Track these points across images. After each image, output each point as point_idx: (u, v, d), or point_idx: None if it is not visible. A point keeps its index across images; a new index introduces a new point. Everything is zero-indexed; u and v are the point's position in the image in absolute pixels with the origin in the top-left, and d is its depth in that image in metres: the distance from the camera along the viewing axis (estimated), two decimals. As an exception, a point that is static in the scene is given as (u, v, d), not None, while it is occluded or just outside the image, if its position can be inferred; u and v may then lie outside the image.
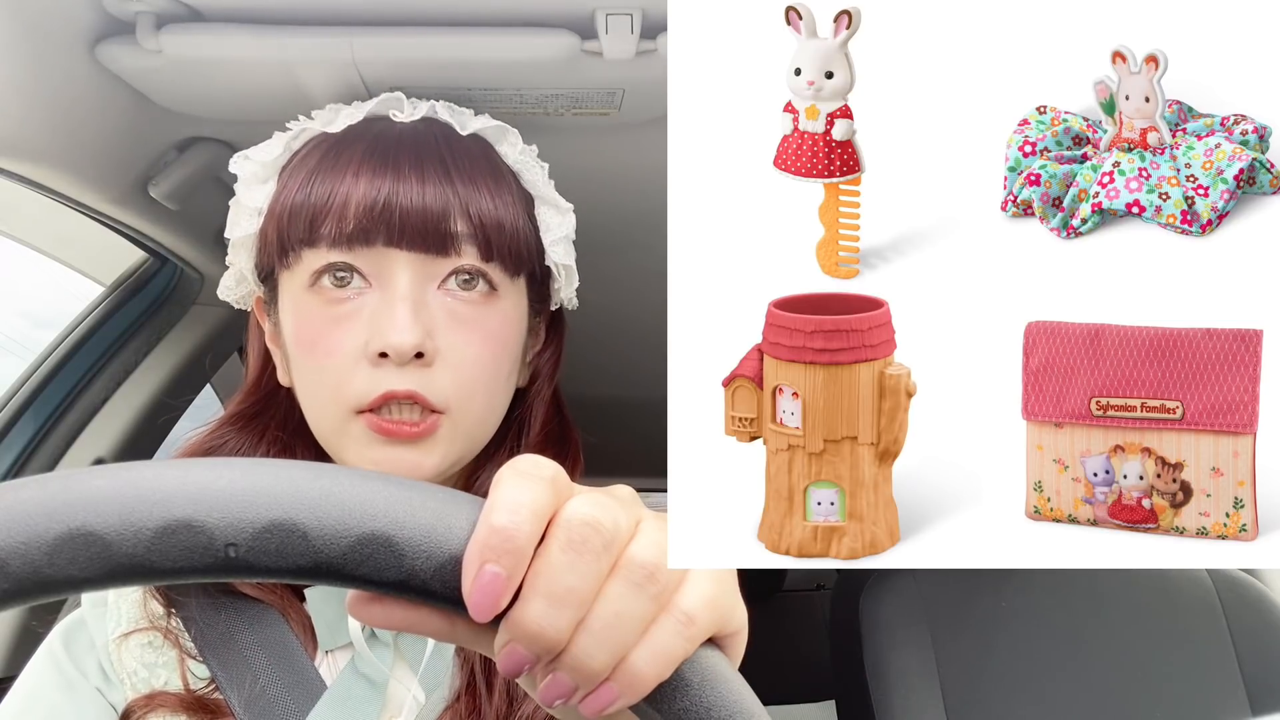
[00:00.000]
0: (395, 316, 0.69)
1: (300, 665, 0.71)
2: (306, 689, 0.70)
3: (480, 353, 0.72)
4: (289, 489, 0.35)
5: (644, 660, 0.36)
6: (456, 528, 0.36)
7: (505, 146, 0.78)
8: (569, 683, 0.36)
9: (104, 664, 0.73)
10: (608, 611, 0.36)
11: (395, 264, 0.71)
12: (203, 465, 0.35)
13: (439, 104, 0.78)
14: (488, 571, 0.35)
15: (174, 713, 0.70)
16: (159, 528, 0.33)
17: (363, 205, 0.70)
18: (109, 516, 0.33)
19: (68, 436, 1.28)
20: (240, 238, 0.78)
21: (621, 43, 0.77)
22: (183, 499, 0.34)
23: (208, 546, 0.34)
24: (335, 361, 0.70)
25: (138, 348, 1.31)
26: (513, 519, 0.35)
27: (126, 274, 1.33)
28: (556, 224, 0.79)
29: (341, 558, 0.35)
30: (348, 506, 0.35)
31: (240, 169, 0.78)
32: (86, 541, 0.33)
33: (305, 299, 0.72)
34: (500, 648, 0.36)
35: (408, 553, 0.35)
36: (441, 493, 0.37)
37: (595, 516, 0.36)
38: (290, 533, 0.34)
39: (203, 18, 0.77)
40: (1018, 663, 1.45)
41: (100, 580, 0.34)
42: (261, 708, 0.69)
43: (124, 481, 0.34)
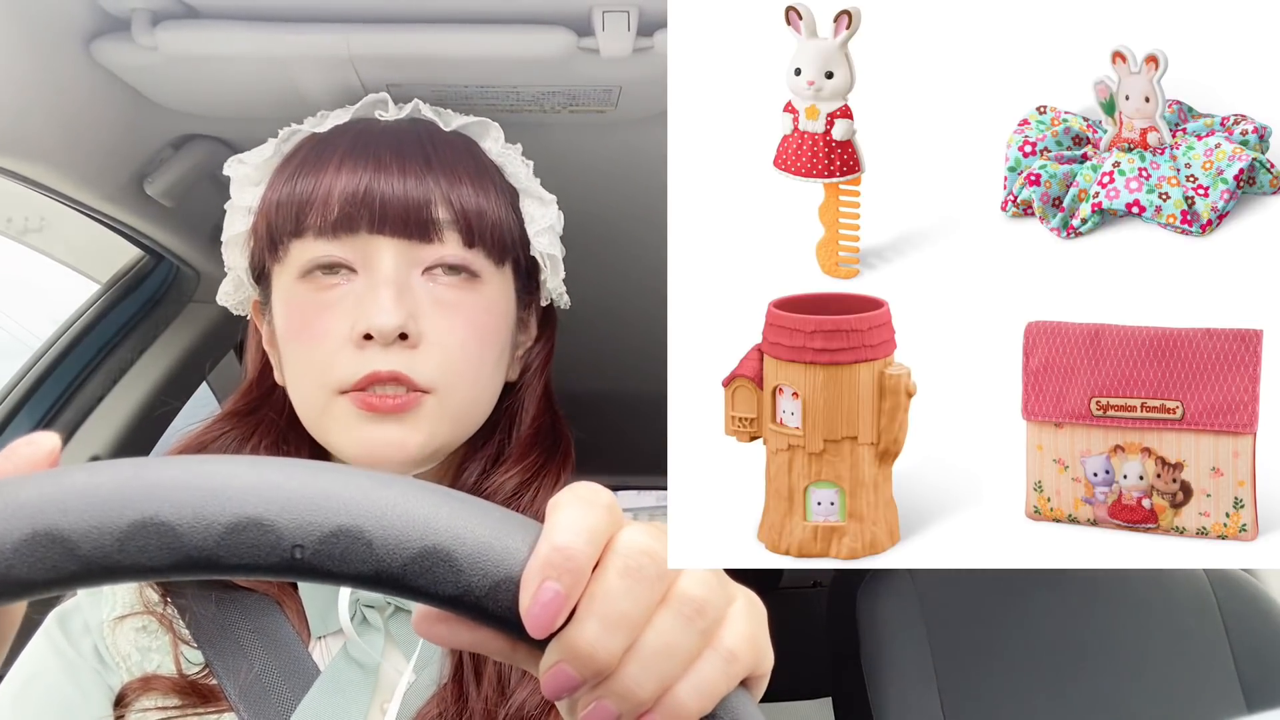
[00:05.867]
0: (379, 299, 0.70)
1: (295, 652, 0.72)
2: (301, 675, 0.71)
3: (465, 337, 0.73)
4: (358, 495, 0.35)
5: (688, 693, 0.37)
6: (514, 548, 0.36)
7: (488, 142, 0.80)
8: (613, 710, 0.36)
9: (99, 647, 0.73)
10: (658, 641, 0.36)
11: (379, 250, 0.72)
12: (275, 464, 0.36)
13: (423, 104, 0.79)
14: (548, 588, 0.35)
15: (167, 696, 0.71)
16: (230, 523, 0.34)
17: (345, 194, 0.72)
18: (182, 508, 0.33)
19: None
20: (233, 236, 0.79)
21: (618, 40, 0.77)
22: (255, 497, 0.34)
23: (275, 545, 0.34)
24: (322, 345, 0.72)
25: (134, 345, 1.31)
26: (574, 539, 0.36)
27: (122, 271, 1.33)
28: (540, 215, 0.80)
29: (402, 569, 0.35)
30: (413, 518, 0.35)
31: (234, 172, 0.79)
32: (159, 531, 0.33)
33: (295, 289, 0.74)
34: (548, 668, 0.36)
35: (465, 569, 0.35)
36: (501, 513, 0.37)
37: (650, 545, 0.37)
38: (356, 539, 0.35)
39: (199, 15, 0.77)
40: (1014, 659, 1.45)
41: (167, 570, 0.34)
42: (256, 694, 0.70)
43: (198, 474, 0.34)
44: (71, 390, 1.28)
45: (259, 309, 0.81)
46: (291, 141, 0.79)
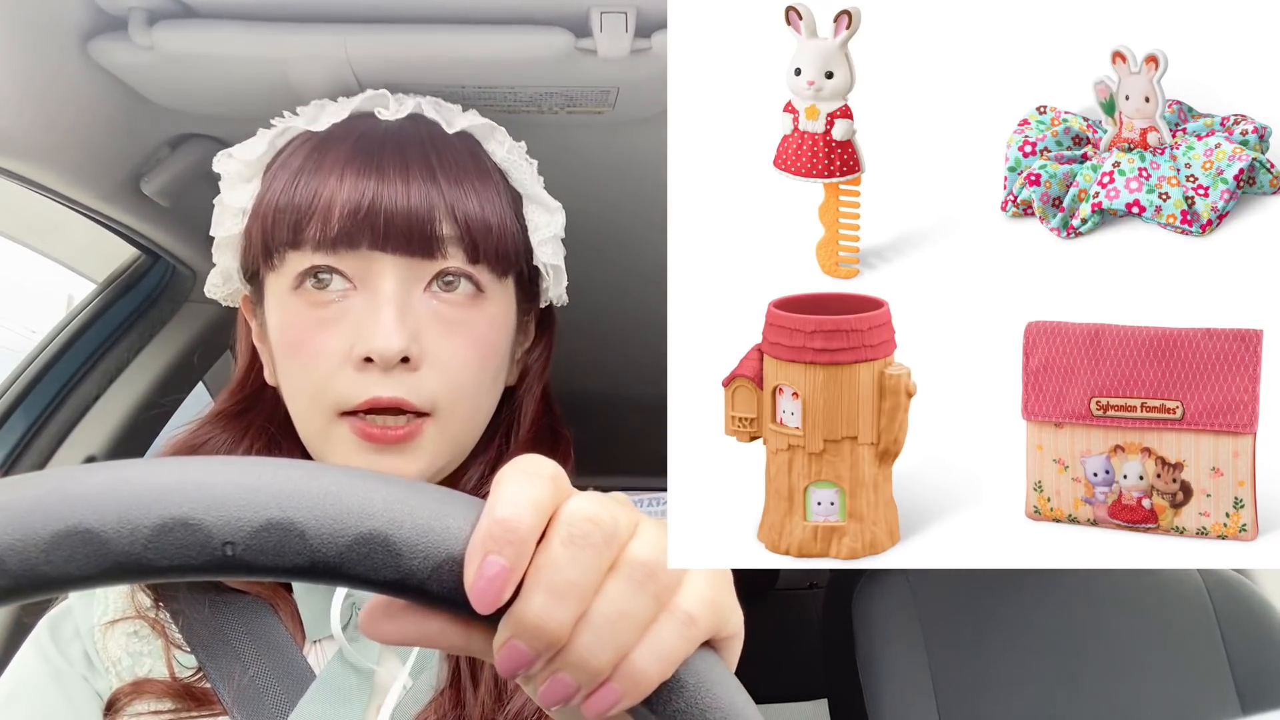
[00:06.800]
0: (380, 321, 0.69)
1: (289, 656, 0.71)
2: (296, 679, 0.70)
3: (468, 357, 0.72)
4: (287, 487, 0.35)
5: (645, 659, 0.36)
6: (454, 528, 0.36)
7: (493, 144, 0.78)
8: (571, 683, 0.36)
9: (89, 651, 0.73)
10: (609, 609, 0.36)
11: (380, 267, 0.70)
12: (200, 463, 0.35)
13: (425, 100, 0.78)
14: (491, 562, 0.35)
15: (160, 700, 0.70)
16: (156, 525, 0.33)
17: (347, 208, 0.69)
18: (106, 514, 0.33)
19: (59, 434, 1.27)
20: (224, 237, 0.78)
21: (616, 41, 0.77)
22: (180, 496, 0.34)
23: (205, 544, 0.34)
24: (320, 364, 0.70)
25: (130, 345, 1.31)
26: (515, 511, 0.35)
27: (118, 271, 1.33)
28: (545, 223, 0.79)
29: (338, 557, 0.35)
30: (346, 505, 0.35)
31: (224, 167, 0.77)
32: (84, 539, 0.33)
33: (290, 301, 0.72)
34: (500, 645, 0.36)
35: (405, 552, 0.35)
36: (440, 493, 0.37)
37: (596, 512, 0.36)
38: (287, 531, 0.34)
39: (195, 14, 0.77)
40: (1010, 660, 1.46)
41: (97, 578, 0.33)
42: (251, 699, 0.69)
43: (121, 479, 0.34)
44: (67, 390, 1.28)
45: (249, 303, 0.80)
46: (285, 136, 0.77)
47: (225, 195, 0.78)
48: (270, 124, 0.77)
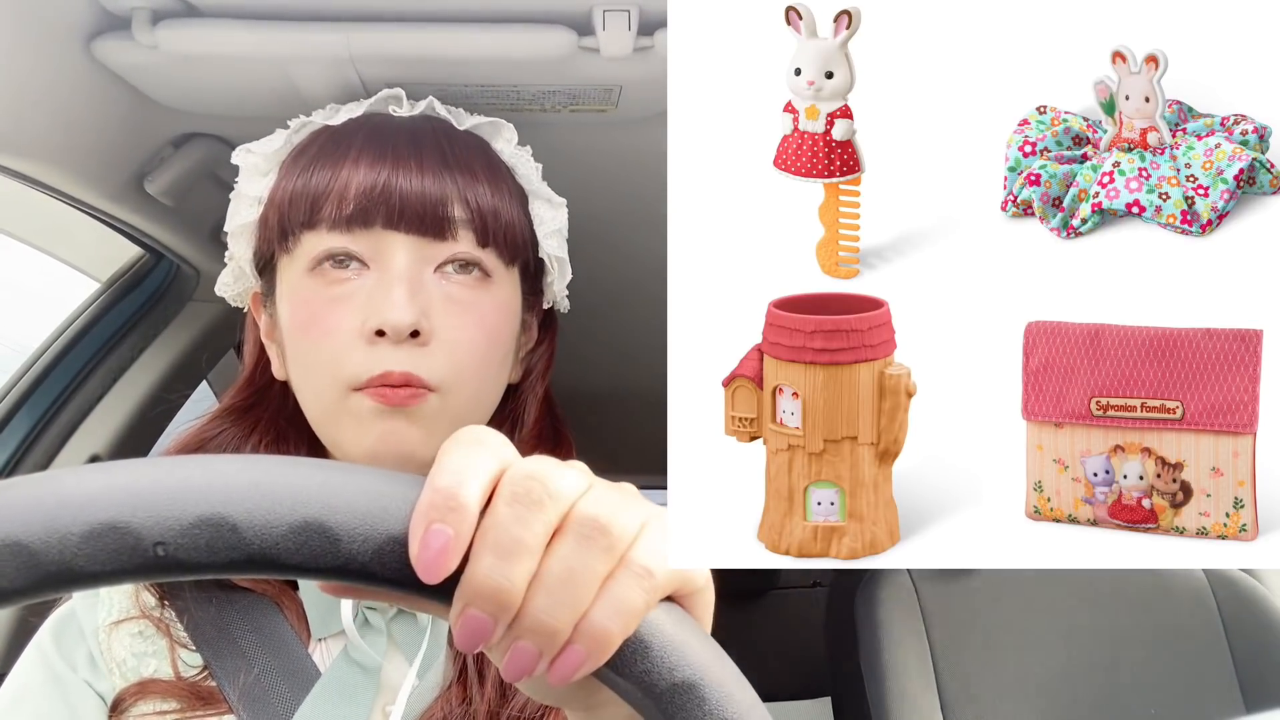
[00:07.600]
0: (392, 295, 0.70)
1: (295, 654, 0.71)
2: (301, 678, 0.70)
3: (475, 336, 0.73)
4: (216, 482, 0.34)
5: (604, 615, 0.35)
6: (393, 509, 0.35)
7: (500, 143, 0.80)
8: (533, 649, 0.36)
9: (93, 653, 0.73)
10: (560, 567, 0.35)
11: (393, 246, 0.71)
12: (127, 466, 0.35)
13: (437, 102, 0.79)
14: (435, 532, 0.34)
15: (165, 699, 0.70)
16: (85, 532, 0.33)
17: (363, 187, 0.71)
18: (34, 525, 0.32)
19: (63, 433, 1.27)
20: (239, 226, 0.79)
21: (619, 39, 0.77)
22: (106, 501, 0.33)
23: (135, 547, 0.33)
24: (332, 340, 0.71)
25: (133, 344, 1.31)
26: (455, 479, 0.35)
27: (122, 270, 1.33)
28: (549, 218, 0.80)
29: (275, 548, 0.34)
30: (277, 496, 0.34)
31: (242, 161, 0.79)
32: (13, 552, 0.32)
33: (304, 283, 0.73)
34: (456, 617, 0.35)
35: (343, 537, 0.34)
36: (377, 474, 0.36)
37: (537, 469, 0.36)
38: (219, 526, 0.33)
39: (199, 13, 0.77)
40: (1012, 658, 1.46)
41: (31, 590, 0.33)
42: (257, 697, 0.69)
43: (47, 490, 0.33)
44: (71, 389, 1.28)
45: (258, 301, 0.81)
46: (303, 133, 0.78)
47: (242, 186, 0.79)
48: (286, 125, 0.78)
